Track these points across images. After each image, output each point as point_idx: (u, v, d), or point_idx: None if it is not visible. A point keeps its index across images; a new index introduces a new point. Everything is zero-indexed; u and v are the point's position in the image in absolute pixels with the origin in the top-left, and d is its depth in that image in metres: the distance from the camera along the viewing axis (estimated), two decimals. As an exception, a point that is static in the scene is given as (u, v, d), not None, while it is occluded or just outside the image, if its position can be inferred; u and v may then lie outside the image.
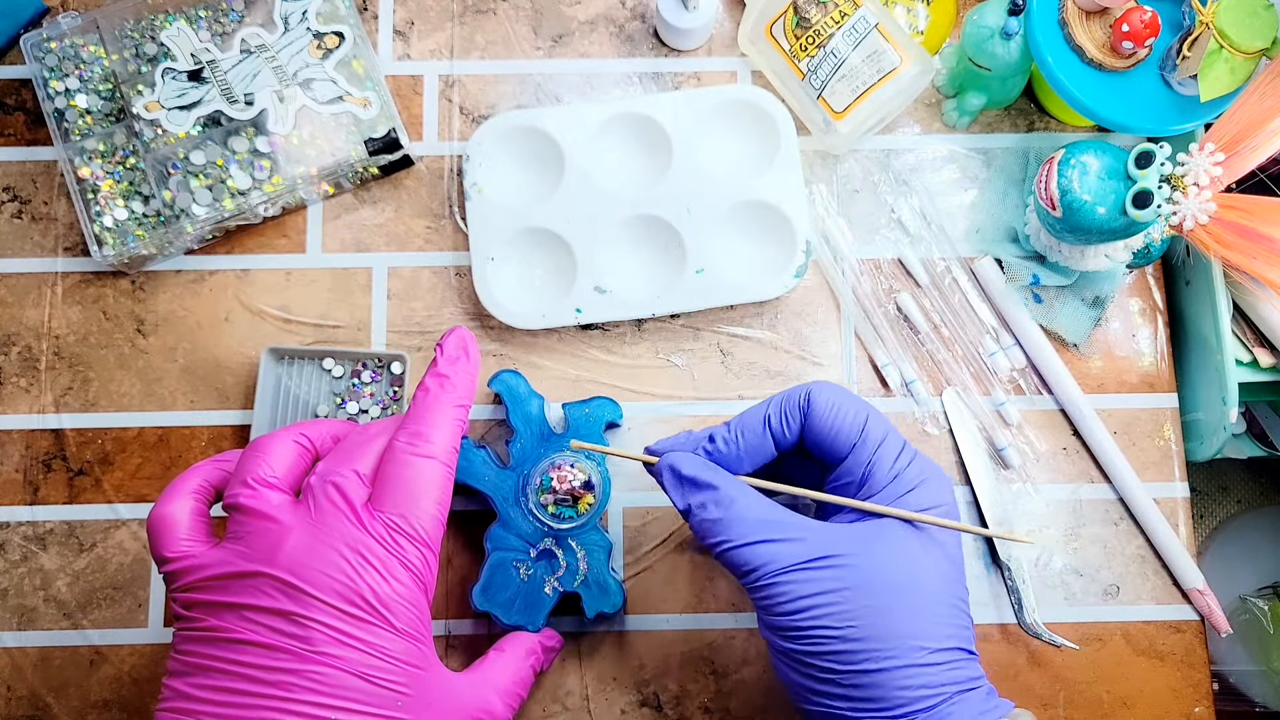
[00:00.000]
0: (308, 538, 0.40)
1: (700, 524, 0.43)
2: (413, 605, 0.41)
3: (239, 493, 0.42)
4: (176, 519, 0.43)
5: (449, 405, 0.44)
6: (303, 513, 0.41)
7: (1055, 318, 0.60)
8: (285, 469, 0.43)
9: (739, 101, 0.60)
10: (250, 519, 0.41)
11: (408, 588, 0.41)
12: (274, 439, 0.44)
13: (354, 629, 0.40)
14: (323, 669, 0.39)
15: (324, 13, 0.60)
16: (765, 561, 0.41)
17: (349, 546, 0.40)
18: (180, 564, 0.41)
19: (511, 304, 0.59)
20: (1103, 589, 0.59)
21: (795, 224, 0.59)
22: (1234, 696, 0.83)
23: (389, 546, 0.41)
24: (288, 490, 0.43)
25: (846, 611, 0.40)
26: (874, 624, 0.40)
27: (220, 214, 0.58)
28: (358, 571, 0.40)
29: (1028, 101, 0.63)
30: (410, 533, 0.41)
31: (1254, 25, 0.53)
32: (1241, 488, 0.95)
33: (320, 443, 0.46)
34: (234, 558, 0.40)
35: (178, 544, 0.42)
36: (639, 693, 0.57)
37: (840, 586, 0.41)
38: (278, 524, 0.41)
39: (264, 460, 0.43)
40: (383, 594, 0.40)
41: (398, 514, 0.41)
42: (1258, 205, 0.51)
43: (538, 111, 0.60)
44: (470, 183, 0.59)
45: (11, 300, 0.60)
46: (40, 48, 0.59)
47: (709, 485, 0.44)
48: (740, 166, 0.61)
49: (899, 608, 0.40)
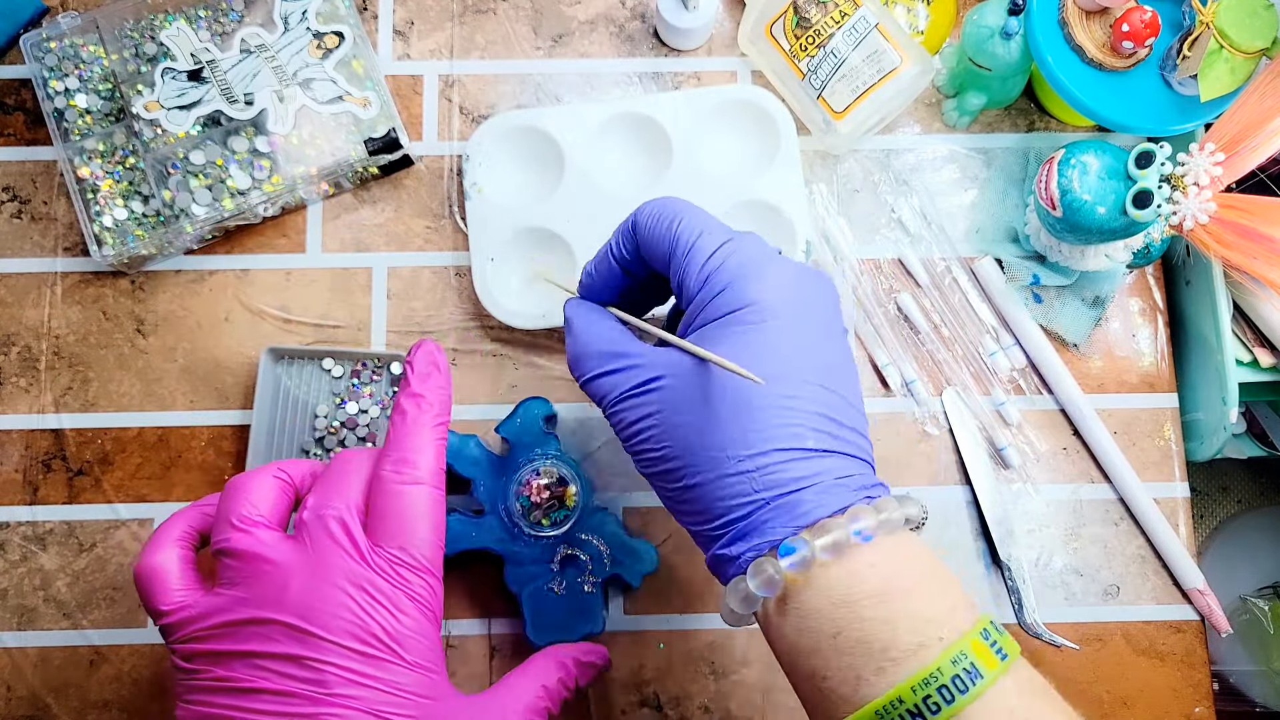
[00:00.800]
0: (312, 578, 0.40)
1: (568, 361, 0.44)
2: (423, 637, 0.41)
3: (229, 535, 0.41)
4: (166, 569, 0.42)
5: (428, 426, 0.44)
6: (301, 552, 0.40)
7: (1055, 318, 0.60)
8: (269, 506, 0.42)
9: (739, 101, 0.60)
10: (244, 562, 0.40)
11: (416, 620, 0.41)
12: (252, 478, 0.43)
13: (367, 668, 0.39)
14: (337, 710, 0.38)
15: (324, 12, 0.60)
16: (606, 392, 0.41)
17: (354, 584, 0.40)
18: (178, 615, 0.41)
19: (512, 304, 0.59)
20: (1103, 589, 0.59)
21: (795, 224, 0.59)
22: (1234, 697, 0.83)
23: (394, 581, 0.40)
24: (276, 528, 0.42)
25: (663, 432, 0.40)
26: (685, 440, 0.39)
27: (220, 214, 0.58)
28: (367, 609, 0.40)
29: (1028, 101, 0.63)
30: (413, 564, 0.41)
31: (1254, 25, 0.53)
32: (1242, 488, 0.95)
33: (299, 478, 0.45)
34: (235, 604, 0.40)
35: (171, 595, 0.41)
36: (639, 693, 0.57)
37: (656, 410, 0.40)
38: (275, 565, 0.40)
39: (247, 499, 0.42)
40: (393, 630, 0.40)
41: (397, 546, 0.41)
42: (1258, 205, 0.51)
43: (538, 111, 0.60)
44: (470, 182, 0.59)
45: (11, 300, 0.60)
46: (40, 47, 0.59)
47: (568, 320, 0.44)
48: (740, 166, 0.61)
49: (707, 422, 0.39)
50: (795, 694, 0.40)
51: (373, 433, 0.58)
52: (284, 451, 0.58)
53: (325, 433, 0.58)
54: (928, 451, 0.60)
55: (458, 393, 0.60)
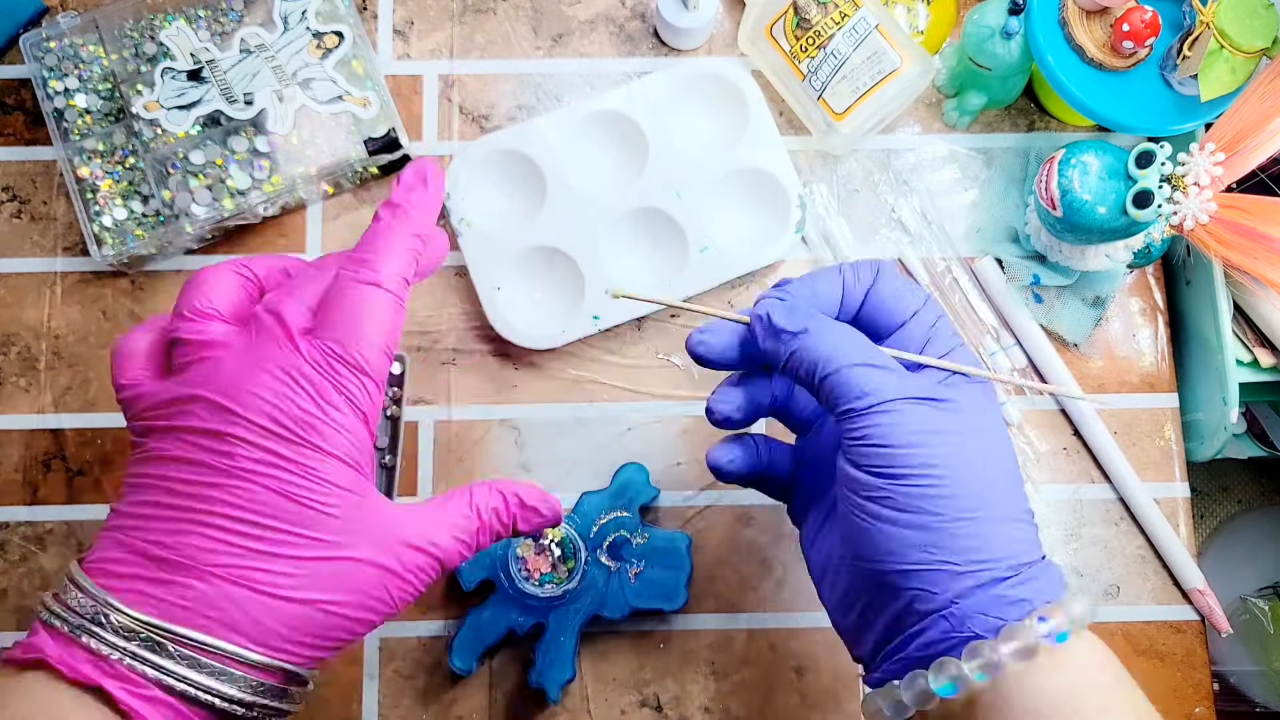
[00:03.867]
0: (242, 362, 0.39)
1: (802, 357, 0.41)
2: (347, 432, 0.40)
3: (178, 325, 0.41)
4: (135, 350, 0.42)
5: (402, 233, 0.42)
6: (243, 340, 0.40)
7: (1056, 318, 0.60)
8: (226, 301, 0.42)
9: (697, 76, 0.60)
10: (191, 349, 0.41)
11: (342, 413, 0.40)
12: (213, 270, 0.43)
13: (279, 448, 0.38)
14: (244, 484, 0.38)
15: (323, 12, 0.60)
16: (876, 387, 0.39)
17: (280, 369, 0.39)
18: (130, 392, 0.41)
19: (529, 328, 0.58)
20: (1103, 589, 0.59)
21: (783, 181, 0.59)
22: (1234, 697, 0.83)
23: (323, 371, 0.39)
24: (231, 322, 0.42)
25: (957, 455, 0.38)
26: (983, 473, 0.38)
27: (220, 214, 0.58)
28: (286, 393, 0.39)
29: (1028, 101, 0.63)
30: (347, 359, 0.40)
31: (1254, 25, 0.53)
32: (1242, 488, 0.95)
33: (266, 276, 0.44)
34: (176, 385, 0.40)
35: (130, 373, 0.42)
36: (639, 693, 0.57)
37: (953, 429, 0.39)
38: (217, 352, 0.40)
39: (201, 292, 0.42)
40: (311, 416, 0.39)
41: (334, 339, 0.40)
42: (1258, 205, 0.51)
43: (505, 133, 0.60)
44: (457, 219, 0.59)
45: (11, 300, 0.60)
46: (39, 47, 0.59)
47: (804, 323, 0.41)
48: (717, 139, 0.61)
49: (1000, 462, 0.39)
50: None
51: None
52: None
53: (325, 433, 0.58)
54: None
55: (458, 393, 0.60)
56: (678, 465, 0.59)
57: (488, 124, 0.63)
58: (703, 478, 0.59)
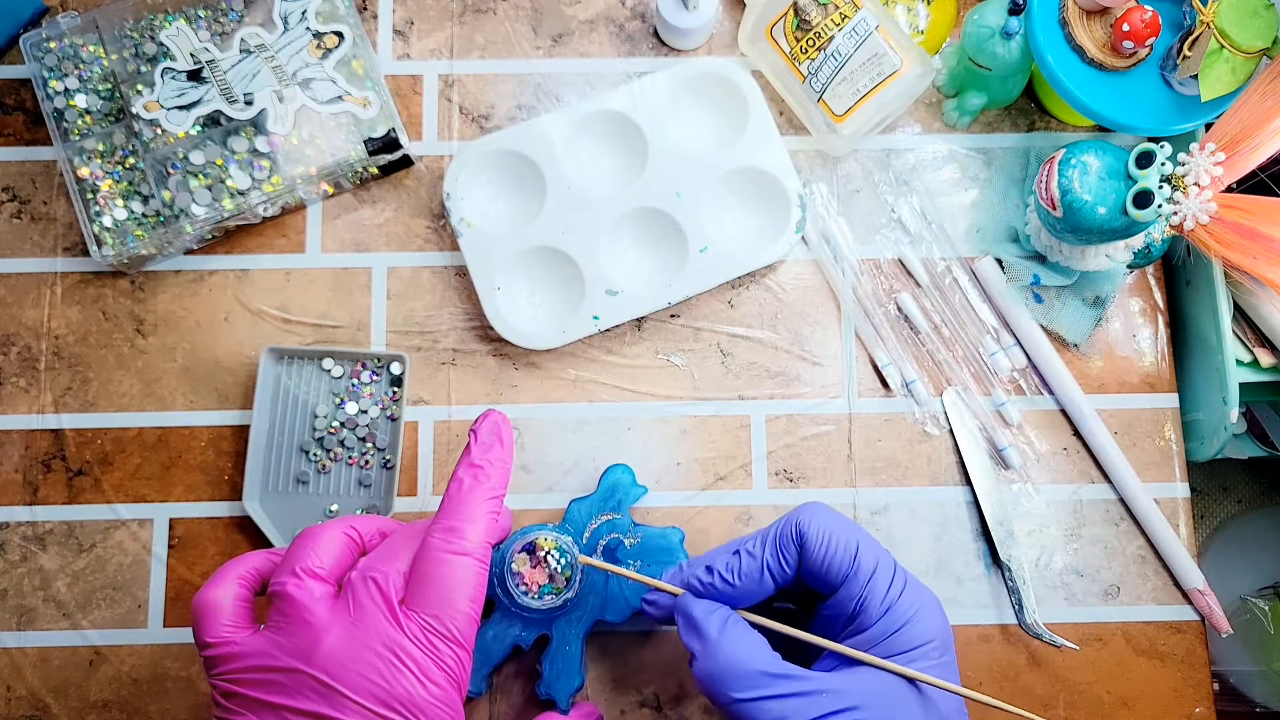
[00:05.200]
0: (345, 637, 0.41)
1: (703, 675, 0.43)
2: (446, 706, 0.42)
3: (285, 581, 0.43)
4: (221, 605, 0.43)
5: (483, 499, 0.44)
6: (341, 609, 0.42)
7: (1056, 318, 0.60)
8: (333, 561, 0.44)
9: (697, 76, 0.60)
10: (291, 608, 0.42)
11: (442, 689, 0.41)
12: (325, 530, 0.45)
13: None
14: None
15: (323, 12, 0.60)
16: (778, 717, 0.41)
17: (384, 647, 0.41)
18: (221, 650, 0.42)
19: (529, 328, 0.58)
20: (1103, 589, 0.59)
21: (783, 181, 0.59)
22: (1234, 697, 0.83)
23: (424, 648, 0.41)
24: (331, 582, 0.43)
25: None
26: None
27: (220, 214, 0.58)
28: (393, 674, 0.40)
29: (1028, 101, 0.63)
30: (445, 633, 0.42)
31: (1254, 25, 0.53)
32: (1242, 488, 0.95)
33: (369, 537, 0.46)
34: (273, 649, 0.41)
35: (219, 630, 0.43)
36: (639, 693, 0.57)
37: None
38: (316, 617, 0.41)
39: (313, 550, 0.43)
40: (417, 697, 0.41)
41: (432, 614, 0.42)
42: (1258, 205, 0.51)
43: (505, 133, 0.60)
44: (457, 220, 0.59)
45: (11, 300, 0.60)
46: (40, 47, 0.59)
47: (697, 626, 0.44)
48: (716, 139, 0.61)
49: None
50: None
51: (372, 433, 0.58)
52: (283, 451, 0.58)
53: (325, 433, 0.58)
54: (928, 452, 0.60)
55: (458, 393, 0.60)
56: (677, 465, 0.59)
57: (488, 124, 0.63)
58: (703, 478, 0.59)
